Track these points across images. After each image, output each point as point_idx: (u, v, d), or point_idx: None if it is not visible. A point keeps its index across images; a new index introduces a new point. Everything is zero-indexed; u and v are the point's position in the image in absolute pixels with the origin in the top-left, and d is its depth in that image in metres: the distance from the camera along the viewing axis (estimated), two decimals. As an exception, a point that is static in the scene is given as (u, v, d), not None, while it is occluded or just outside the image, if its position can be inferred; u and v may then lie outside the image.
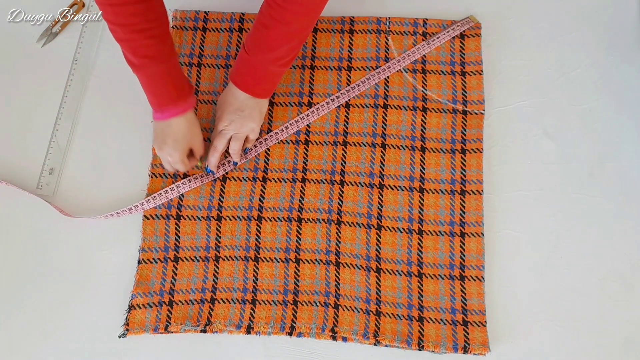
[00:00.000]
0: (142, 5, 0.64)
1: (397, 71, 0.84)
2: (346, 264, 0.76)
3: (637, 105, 0.82)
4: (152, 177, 0.80)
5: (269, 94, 0.76)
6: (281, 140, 0.82)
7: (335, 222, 0.77)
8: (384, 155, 0.80)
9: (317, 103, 0.83)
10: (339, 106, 0.83)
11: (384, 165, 0.80)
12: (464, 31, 0.86)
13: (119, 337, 0.73)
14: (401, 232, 0.77)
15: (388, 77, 0.84)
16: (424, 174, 0.79)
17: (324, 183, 0.79)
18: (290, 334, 0.72)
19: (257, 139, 0.80)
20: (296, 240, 0.77)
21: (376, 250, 0.76)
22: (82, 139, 0.83)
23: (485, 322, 0.72)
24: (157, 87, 0.70)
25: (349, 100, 0.83)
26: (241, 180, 0.80)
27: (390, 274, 0.75)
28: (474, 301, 0.73)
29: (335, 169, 0.80)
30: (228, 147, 0.78)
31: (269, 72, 0.73)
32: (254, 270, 0.76)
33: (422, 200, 0.78)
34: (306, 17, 0.69)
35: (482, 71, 0.83)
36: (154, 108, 0.72)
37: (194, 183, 0.79)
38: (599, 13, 0.87)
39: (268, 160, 0.81)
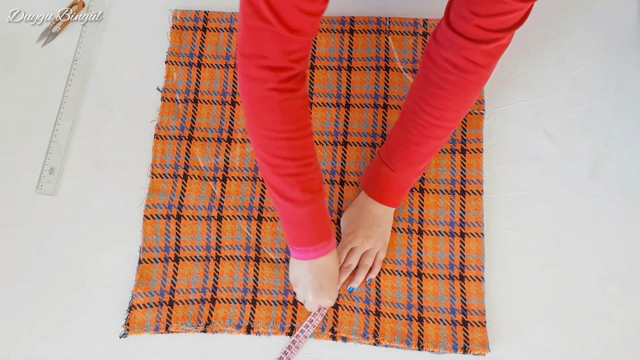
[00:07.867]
0: (311, 139, 0.62)
1: (397, 71, 0.84)
2: (346, 264, 0.76)
3: (637, 105, 0.82)
4: (152, 177, 0.80)
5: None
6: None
7: (336, 222, 0.77)
8: (384, 155, 0.80)
9: (317, 103, 0.83)
10: (339, 106, 0.83)
11: (384, 165, 0.80)
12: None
13: (120, 337, 0.73)
14: (401, 232, 0.77)
15: (388, 77, 0.84)
16: (423, 173, 0.79)
17: (324, 183, 0.79)
18: (290, 334, 0.72)
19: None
20: (296, 240, 0.77)
21: (376, 250, 0.76)
22: (82, 139, 0.83)
23: (485, 322, 0.72)
24: (317, 222, 0.64)
25: (349, 100, 0.83)
26: (242, 180, 0.80)
27: (390, 274, 0.75)
28: (473, 301, 0.73)
29: (335, 169, 0.80)
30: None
31: (412, 182, 0.73)
32: (254, 270, 0.76)
33: (422, 199, 0.78)
34: (453, 129, 0.69)
35: (482, 71, 0.83)
36: (307, 245, 0.65)
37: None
38: (599, 13, 0.87)
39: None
